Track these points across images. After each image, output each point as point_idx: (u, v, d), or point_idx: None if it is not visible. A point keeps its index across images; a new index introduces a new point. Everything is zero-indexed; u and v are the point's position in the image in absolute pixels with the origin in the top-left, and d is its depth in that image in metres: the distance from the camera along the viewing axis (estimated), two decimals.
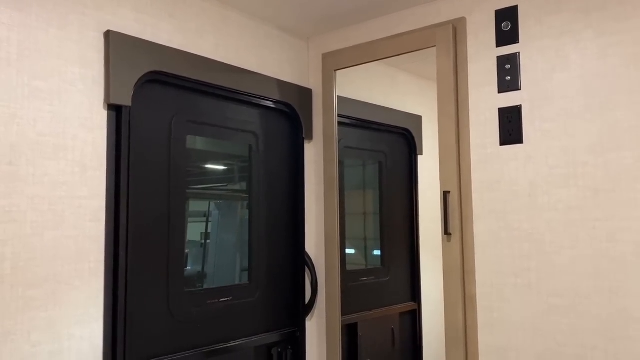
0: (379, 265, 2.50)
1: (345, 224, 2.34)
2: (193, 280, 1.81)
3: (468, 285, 1.76)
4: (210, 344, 1.78)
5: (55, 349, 1.38)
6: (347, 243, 2.37)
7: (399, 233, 2.42)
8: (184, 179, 1.74)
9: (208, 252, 1.89)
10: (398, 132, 2.43)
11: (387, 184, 2.48)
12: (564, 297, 1.57)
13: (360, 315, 2.30)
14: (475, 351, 1.73)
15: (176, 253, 1.70)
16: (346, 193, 2.43)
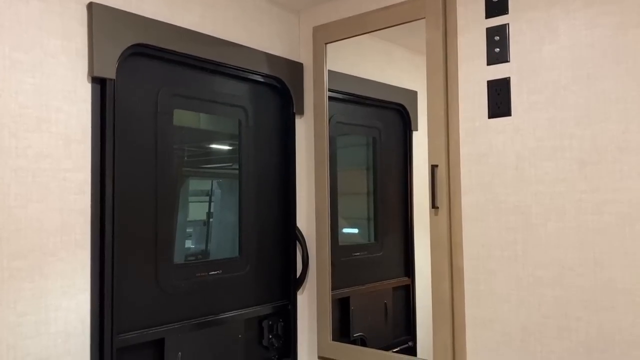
0: (372, 241, 2.51)
1: (337, 199, 2.34)
2: (181, 253, 1.82)
3: (455, 258, 1.77)
4: (200, 315, 1.80)
5: (41, 319, 1.40)
6: (339, 218, 2.37)
7: (393, 209, 2.42)
8: (171, 153, 1.74)
9: (197, 228, 1.90)
10: (393, 108, 2.42)
11: (381, 160, 2.48)
12: (549, 269, 1.57)
13: (353, 290, 2.31)
14: (462, 323, 1.75)
15: (164, 227, 1.71)
16: (339, 169, 2.43)
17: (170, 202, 1.73)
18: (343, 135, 2.50)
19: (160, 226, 1.69)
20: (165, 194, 1.72)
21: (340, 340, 2.15)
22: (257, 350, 2.02)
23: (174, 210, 1.75)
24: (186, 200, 2.02)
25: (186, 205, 1.98)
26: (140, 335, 1.62)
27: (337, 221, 2.34)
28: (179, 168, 1.80)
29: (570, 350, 1.53)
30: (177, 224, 1.79)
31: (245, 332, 1.95)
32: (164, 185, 1.71)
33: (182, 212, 2.02)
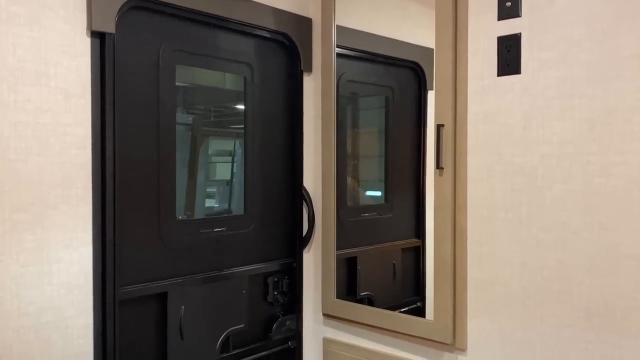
0: (383, 202, 2.50)
1: (346, 160, 2.32)
2: (185, 210, 1.84)
3: (459, 219, 1.74)
4: (204, 271, 1.83)
5: (44, 270, 1.43)
6: (348, 178, 2.36)
7: (405, 170, 2.40)
8: (173, 109, 1.73)
9: (200, 185, 1.91)
10: (407, 66, 2.35)
11: (393, 119, 2.43)
12: (553, 232, 1.54)
13: (360, 250, 2.31)
14: (464, 285, 1.73)
15: (166, 182, 1.72)
16: (349, 129, 2.40)
17: (171, 158, 1.73)
18: (354, 95, 2.46)
19: (162, 182, 1.70)
20: (167, 151, 1.72)
21: (347, 298, 2.17)
22: (261, 306, 2.05)
23: (175, 167, 1.75)
24: (194, 159, 2.03)
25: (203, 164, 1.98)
26: (143, 289, 1.66)
27: (346, 181, 2.33)
28: (194, 126, 1.79)
29: (571, 314, 1.51)
30: (198, 180, 1.77)
31: (249, 288, 1.98)
32: (166, 142, 1.71)
33: (183, 171, 2.03)
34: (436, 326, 1.77)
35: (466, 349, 1.74)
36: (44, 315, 1.44)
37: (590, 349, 1.48)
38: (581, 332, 1.50)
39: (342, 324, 2.09)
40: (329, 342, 2.10)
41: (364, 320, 2.00)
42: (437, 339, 1.77)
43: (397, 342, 1.91)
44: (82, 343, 1.51)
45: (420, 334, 1.82)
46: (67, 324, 1.48)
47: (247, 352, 1.97)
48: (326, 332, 2.14)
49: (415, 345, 1.86)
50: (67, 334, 1.48)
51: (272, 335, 2.06)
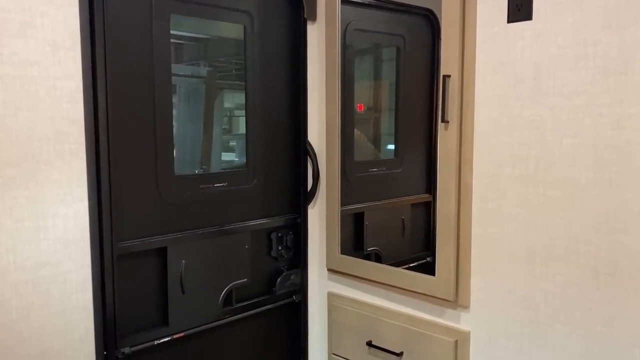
0: (392, 157, 2.44)
1: (354, 113, 2.26)
2: (184, 165, 1.81)
3: (464, 175, 1.68)
4: (205, 226, 1.82)
5: (39, 225, 1.43)
6: (356, 132, 2.30)
7: (417, 123, 2.32)
8: (168, 61, 1.68)
9: (198, 140, 1.88)
10: (419, 13, 2.24)
11: (404, 71, 2.34)
12: (561, 189, 1.47)
13: (368, 205, 2.28)
14: (468, 242, 1.69)
15: (163, 137, 1.68)
16: (357, 80, 2.31)
17: (167, 112, 1.69)
18: (362, 45, 2.36)
19: (159, 137, 1.67)
20: (163, 105, 1.68)
21: (355, 254, 2.15)
22: (265, 261, 2.05)
23: (171, 121, 1.71)
24: (191, 112, 1.99)
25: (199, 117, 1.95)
26: (141, 244, 1.65)
27: (353, 135, 2.27)
28: (208, 79, 1.74)
29: (577, 273, 1.46)
30: (214, 134, 1.72)
31: (252, 243, 1.97)
32: (161, 96, 1.67)
33: (198, 125, 2.00)
34: (439, 283, 1.74)
35: (469, 306, 1.71)
36: (41, 270, 1.44)
37: (595, 308, 1.44)
38: (586, 291, 1.45)
39: (346, 279, 2.08)
40: (334, 296, 2.09)
41: (368, 276, 1.98)
42: (440, 295, 1.75)
43: (401, 298, 1.90)
44: (82, 297, 1.52)
45: (422, 290, 1.80)
46: (65, 278, 1.49)
47: (250, 306, 1.97)
48: (331, 286, 2.13)
49: (418, 302, 1.84)
50: (65, 288, 1.49)
51: (276, 289, 2.06)
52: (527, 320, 1.57)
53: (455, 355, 1.73)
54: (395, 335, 1.88)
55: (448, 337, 1.74)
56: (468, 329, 1.71)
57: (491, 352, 1.66)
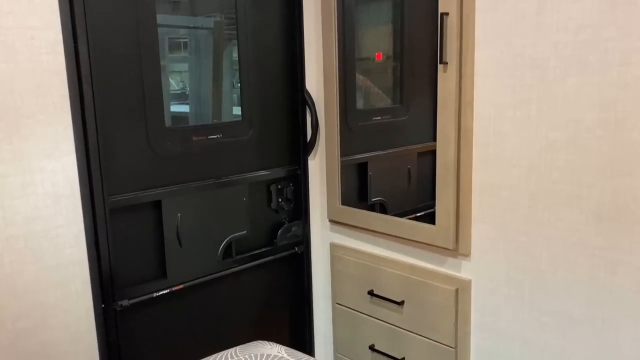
0: (397, 104, 2.35)
1: (354, 59, 2.17)
2: (176, 118, 1.77)
3: (464, 119, 1.61)
4: (200, 179, 1.79)
5: (26, 180, 1.41)
6: (358, 80, 2.21)
7: (422, 68, 2.22)
8: (153, 9, 1.61)
9: (192, 92, 1.82)
10: None
11: (409, 12, 2.23)
12: (565, 131, 1.39)
13: (372, 155, 2.22)
14: (468, 189, 1.63)
15: (152, 89, 1.63)
16: (357, 25, 2.21)
17: (155, 63, 1.63)
18: None
19: (147, 88, 1.62)
20: (149, 55, 1.62)
21: (359, 205, 2.11)
22: (265, 213, 2.03)
23: (159, 72, 1.65)
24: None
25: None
26: (134, 197, 1.63)
27: (355, 82, 2.19)
28: (215, 30, 1.67)
29: (579, 219, 1.40)
30: (223, 86, 1.66)
31: (250, 196, 1.94)
32: (147, 45, 1.61)
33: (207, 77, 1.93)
34: (438, 231, 1.70)
35: (470, 255, 1.67)
36: (33, 225, 1.44)
37: (598, 254, 1.38)
38: (589, 237, 1.39)
39: (348, 229, 2.05)
40: (336, 247, 2.07)
41: (368, 226, 1.95)
42: (439, 244, 1.71)
43: (401, 247, 1.86)
44: (75, 251, 1.52)
45: (422, 239, 1.76)
46: (57, 232, 1.48)
47: (251, 258, 1.96)
48: (333, 237, 2.11)
49: (419, 251, 1.81)
50: (58, 242, 1.48)
51: (277, 241, 2.05)
52: (528, 267, 1.53)
53: (456, 304, 1.70)
54: (396, 285, 1.86)
55: (449, 286, 1.71)
56: (469, 278, 1.68)
57: (492, 300, 1.63)
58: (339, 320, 2.09)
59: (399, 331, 1.87)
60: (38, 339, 1.48)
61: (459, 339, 1.72)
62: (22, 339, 1.45)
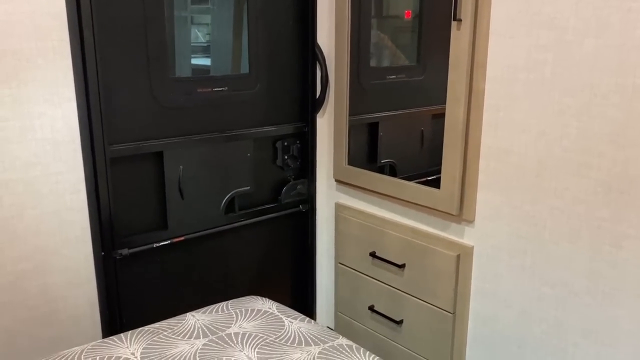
0: (413, 63, 2.28)
1: (370, 14, 2.09)
2: (181, 68, 1.73)
3: (476, 79, 1.54)
4: (204, 132, 1.77)
5: (25, 125, 1.41)
6: (373, 35, 2.14)
7: (442, 26, 2.14)
8: None
9: (214, 45, 1.77)
10: None
11: None
12: (579, 97, 1.32)
13: (384, 115, 2.16)
14: (476, 154, 1.58)
15: (156, 38, 1.60)
16: None
17: (159, 9, 1.59)
18: None
19: (151, 37, 1.59)
20: (155, 5, 1.57)
21: (368, 165, 2.07)
22: (270, 170, 2.00)
23: (164, 21, 1.61)
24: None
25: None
26: (135, 147, 1.62)
27: (370, 39, 2.11)
28: None
29: (587, 189, 1.35)
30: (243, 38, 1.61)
31: (255, 151, 1.91)
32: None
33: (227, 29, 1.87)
34: (442, 196, 1.66)
35: (473, 221, 1.63)
36: (32, 170, 1.44)
37: (604, 227, 1.33)
38: (596, 209, 1.34)
39: (353, 190, 2.02)
40: (341, 207, 2.05)
41: (373, 188, 1.92)
42: (443, 209, 1.67)
43: (405, 210, 1.83)
44: (75, 198, 1.53)
45: (427, 203, 1.73)
46: (57, 179, 1.48)
47: (254, 214, 1.96)
48: (338, 197, 2.08)
49: (423, 215, 1.77)
50: (57, 189, 1.49)
51: (281, 198, 2.03)
52: (532, 236, 1.49)
53: (456, 270, 1.68)
54: (398, 248, 1.83)
55: (451, 251, 1.68)
56: (471, 244, 1.65)
57: (493, 267, 1.60)
58: (340, 280, 2.08)
59: (399, 294, 1.86)
60: (38, 282, 1.51)
61: (457, 305, 1.70)
62: (22, 281, 1.48)
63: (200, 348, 1.19)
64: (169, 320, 1.34)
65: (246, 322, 1.31)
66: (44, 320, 1.53)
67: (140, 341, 1.22)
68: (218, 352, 1.17)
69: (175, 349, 1.19)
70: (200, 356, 1.16)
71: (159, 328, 1.30)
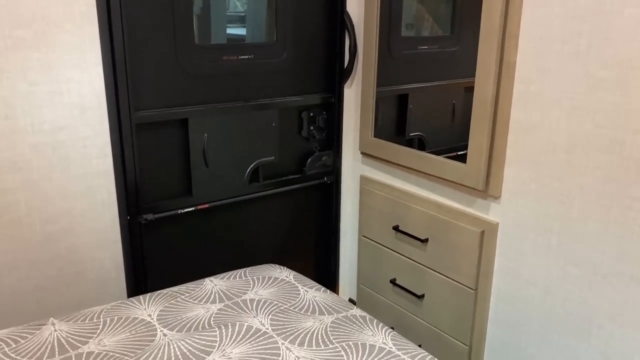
0: (447, 33, 2.21)
1: None
2: (207, 35, 1.73)
3: (507, 51, 1.48)
4: (229, 100, 1.77)
5: (53, 89, 1.44)
6: (404, 2, 2.08)
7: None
8: None
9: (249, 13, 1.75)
10: None
11: None
12: (615, 70, 1.26)
13: (414, 86, 2.11)
14: (505, 128, 1.53)
15: (182, 4, 1.59)
16: None
17: None
18: None
19: (177, 3, 1.58)
20: None
21: (397, 138, 2.04)
22: (295, 141, 2.00)
23: None
24: None
25: None
26: (160, 114, 1.64)
27: (401, 7, 2.06)
28: None
29: (619, 167, 1.29)
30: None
31: (280, 121, 1.91)
32: None
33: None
34: (469, 171, 1.62)
35: (499, 197, 1.59)
36: (59, 134, 1.47)
37: (636, 207, 1.28)
38: (628, 187, 1.28)
39: (379, 163, 2.00)
40: (366, 180, 2.03)
41: (398, 161, 1.89)
42: (469, 184, 1.63)
43: (431, 185, 1.80)
44: (102, 162, 1.56)
45: (452, 178, 1.69)
46: (84, 143, 1.51)
47: (278, 184, 1.96)
48: (364, 170, 2.06)
49: (448, 190, 1.74)
50: (85, 153, 1.52)
51: (306, 169, 2.03)
52: (559, 215, 1.44)
53: (480, 246, 1.65)
54: (422, 222, 1.81)
55: (475, 227, 1.65)
56: (497, 221, 1.61)
57: (518, 245, 1.56)
58: (363, 252, 2.08)
59: (421, 268, 1.84)
60: (66, 243, 1.55)
61: (480, 281, 1.68)
62: (51, 242, 1.53)
63: (215, 313, 1.21)
64: (188, 285, 1.37)
65: (262, 289, 1.33)
66: (71, 280, 1.58)
67: (157, 303, 1.25)
68: (232, 318, 1.19)
69: (191, 312, 1.22)
70: (215, 320, 1.18)
71: (177, 292, 1.32)
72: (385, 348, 1.09)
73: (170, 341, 1.10)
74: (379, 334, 1.16)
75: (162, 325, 1.16)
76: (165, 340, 1.10)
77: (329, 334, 1.14)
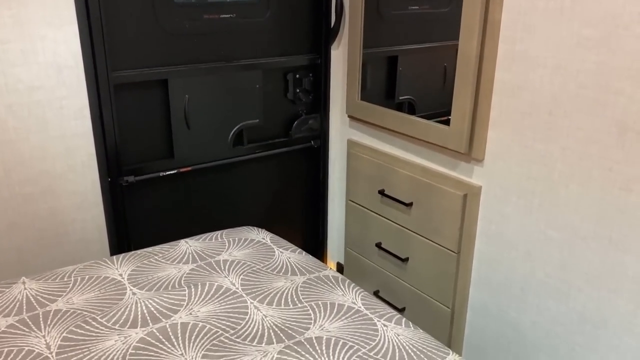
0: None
1: None
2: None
3: (492, 10, 1.44)
4: (210, 60, 1.73)
5: (27, 48, 1.41)
6: None
7: None
8: None
9: None
10: None
11: None
12: (599, 28, 1.22)
13: (404, 48, 2.07)
14: (488, 89, 1.50)
15: None
16: None
17: None
18: None
19: None
20: None
21: (386, 102, 2.01)
22: (280, 103, 1.97)
23: None
24: None
25: None
26: (139, 74, 1.61)
27: None
28: None
29: (601, 129, 1.26)
30: None
31: (264, 83, 1.88)
32: None
33: None
34: (452, 133, 1.60)
35: (483, 160, 1.57)
36: (35, 94, 1.45)
37: (616, 169, 1.26)
38: (609, 149, 1.26)
39: (365, 126, 1.97)
40: (353, 144, 2.01)
41: (385, 124, 1.86)
42: (453, 147, 1.61)
43: (416, 148, 1.78)
44: (80, 124, 1.54)
45: (436, 141, 1.67)
46: (61, 104, 1.50)
47: (263, 147, 1.94)
48: (351, 134, 2.04)
49: (433, 153, 1.72)
50: (62, 114, 1.50)
51: (292, 133, 2.00)
52: (541, 177, 1.42)
53: (463, 209, 1.63)
54: (406, 186, 1.80)
55: (458, 191, 1.63)
56: (479, 184, 1.59)
57: (500, 208, 1.55)
58: (350, 216, 2.07)
59: (406, 232, 1.84)
60: (46, 205, 1.55)
61: (462, 245, 1.67)
62: (31, 204, 1.52)
63: (187, 273, 1.22)
64: (163, 246, 1.37)
65: (237, 251, 1.33)
66: (53, 242, 1.58)
67: (130, 263, 1.26)
68: (203, 278, 1.19)
69: (163, 272, 1.22)
70: (185, 280, 1.18)
71: (151, 252, 1.32)
72: (354, 307, 1.09)
73: (138, 300, 1.10)
74: (349, 294, 1.16)
75: (132, 285, 1.16)
76: (134, 298, 1.11)
77: (299, 294, 1.14)
